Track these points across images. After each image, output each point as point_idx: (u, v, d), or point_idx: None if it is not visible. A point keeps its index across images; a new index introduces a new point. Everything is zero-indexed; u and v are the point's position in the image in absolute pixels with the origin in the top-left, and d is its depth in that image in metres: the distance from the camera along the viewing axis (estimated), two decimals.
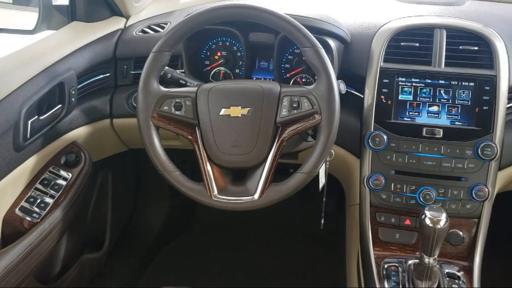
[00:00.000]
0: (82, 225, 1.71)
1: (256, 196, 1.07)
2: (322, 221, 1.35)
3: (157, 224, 2.13)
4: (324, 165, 1.26)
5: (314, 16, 1.29)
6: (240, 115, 1.09)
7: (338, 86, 1.12)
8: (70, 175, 1.33)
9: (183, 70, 1.38)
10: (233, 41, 1.42)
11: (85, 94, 1.42)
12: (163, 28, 1.52)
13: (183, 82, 1.27)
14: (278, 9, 1.11)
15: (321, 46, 1.08)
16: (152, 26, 1.53)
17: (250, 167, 1.10)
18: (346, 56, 1.37)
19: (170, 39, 1.12)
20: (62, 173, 1.33)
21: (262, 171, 1.08)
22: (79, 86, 1.38)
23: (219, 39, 1.43)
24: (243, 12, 1.11)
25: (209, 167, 1.10)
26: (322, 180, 1.29)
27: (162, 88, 1.13)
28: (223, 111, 1.09)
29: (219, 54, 1.43)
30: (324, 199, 1.34)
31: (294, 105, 1.07)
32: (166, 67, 1.21)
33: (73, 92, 1.33)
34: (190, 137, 1.12)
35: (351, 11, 1.50)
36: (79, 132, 1.42)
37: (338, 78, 1.28)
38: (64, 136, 1.37)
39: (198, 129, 1.11)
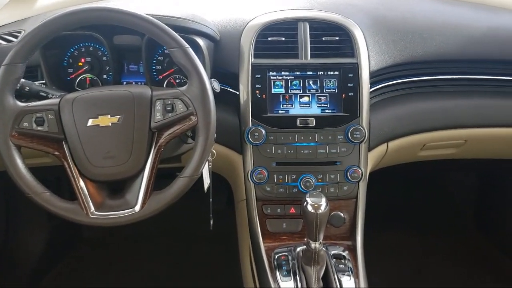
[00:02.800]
0: None
1: (137, 207, 1.02)
2: (211, 222, 1.34)
3: (36, 249, 1.96)
4: (207, 165, 1.24)
5: (180, 15, 1.27)
6: (110, 124, 1.03)
7: (212, 85, 1.11)
8: None
9: (44, 81, 1.27)
10: (97, 46, 1.34)
11: None
12: (16, 37, 1.38)
13: (44, 94, 1.16)
14: (139, 10, 1.06)
15: (188, 46, 1.06)
16: (3, 36, 1.39)
17: (127, 178, 1.05)
18: (217, 54, 1.37)
19: (22, 49, 1.03)
20: None
21: (142, 181, 1.04)
22: None
23: (81, 44, 1.34)
24: (101, 15, 1.04)
25: (82, 183, 1.03)
26: (207, 181, 1.27)
27: (20, 103, 1.03)
28: (90, 122, 1.03)
29: (83, 60, 1.34)
30: (211, 199, 1.33)
31: (168, 108, 1.04)
32: (23, 80, 1.10)
33: None
34: (57, 153, 1.03)
35: (218, 8, 1.50)
36: None
37: (211, 76, 1.28)
38: None
39: (65, 143, 1.03)
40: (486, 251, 2.25)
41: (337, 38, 1.36)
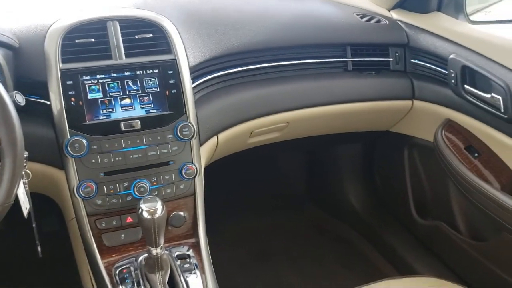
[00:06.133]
0: None
1: None
2: (39, 249, 1.21)
3: None
4: (22, 188, 1.11)
5: None
6: None
7: (14, 98, 0.99)
8: None
9: None
10: None
11: None
12: None
13: None
14: None
15: None
16: None
17: None
18: (19, 64, 1.22)
19: None
20: None
21: None
22: None
23: None
24: None
25: None
26: (25, 205, 1.14)
27: None
28: None
29: None
30: (34, 224, 1.19)
31: None
32: None
33: None
34: None
35: (14, 14, 1.34)
36: None
37: (14, 88, 1.14)
38: None
39: None
40: (322, 220, 2.45)
41: (151, 35, 1.32)
